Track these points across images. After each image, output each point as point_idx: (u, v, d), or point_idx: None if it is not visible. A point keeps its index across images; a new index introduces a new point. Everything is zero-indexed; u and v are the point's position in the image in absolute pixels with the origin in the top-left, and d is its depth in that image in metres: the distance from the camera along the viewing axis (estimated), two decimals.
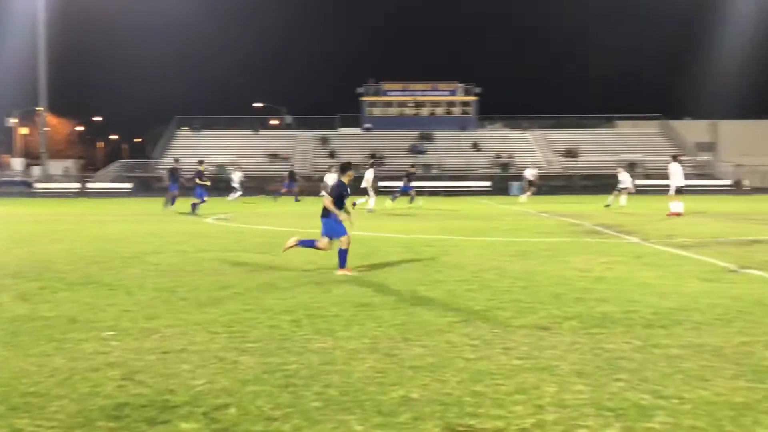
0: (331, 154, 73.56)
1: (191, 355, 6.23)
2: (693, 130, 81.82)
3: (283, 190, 45.53)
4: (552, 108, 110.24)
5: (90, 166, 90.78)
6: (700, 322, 7.48)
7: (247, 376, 5.61)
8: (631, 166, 70.00)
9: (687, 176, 27.92)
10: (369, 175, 32.04)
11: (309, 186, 50.70)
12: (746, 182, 63.56)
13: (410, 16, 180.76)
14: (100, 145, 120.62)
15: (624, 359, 6.04)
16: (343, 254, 11.22)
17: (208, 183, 30.59)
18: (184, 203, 31.34)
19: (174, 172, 32.69)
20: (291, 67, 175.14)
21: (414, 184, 35.89)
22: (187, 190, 32.88)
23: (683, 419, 4.61)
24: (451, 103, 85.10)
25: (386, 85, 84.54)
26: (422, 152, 74.97)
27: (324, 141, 78.12)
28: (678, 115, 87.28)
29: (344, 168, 11.91)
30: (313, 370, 5.74)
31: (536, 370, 5.72)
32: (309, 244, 11.60)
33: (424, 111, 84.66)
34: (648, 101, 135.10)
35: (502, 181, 65.57)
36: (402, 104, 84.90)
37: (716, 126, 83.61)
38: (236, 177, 44.03)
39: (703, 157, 73.25)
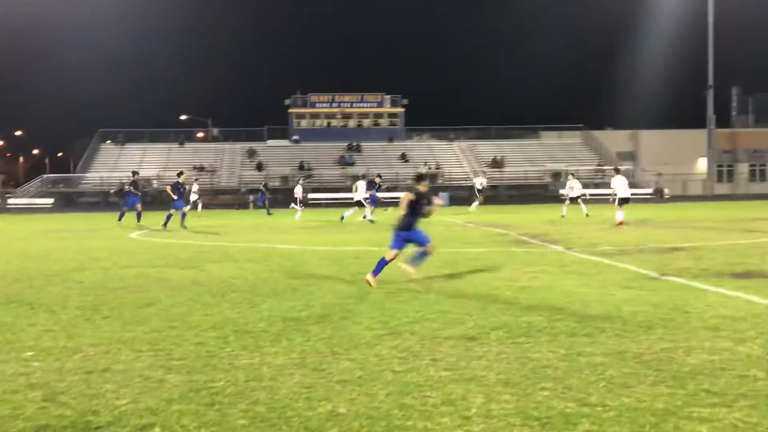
0: (259, 167, 73.14)
1: (115, 375, 6.11)
2: (614, 139, 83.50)
3: (260, 203, 45.13)
4: (478, 119, 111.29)
5: (11, 182, 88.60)
6: (623, 329, 7.63)
7: (172, 394, 5.52)
8: (555, 176, 71.38)
9: (610, 185, 28.52)
10: (361, 186, 31.80)
11: (236, 198, 50.22)
12: (667, 191, 65.26)
13: (336, 27, 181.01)
14: (22, 159, 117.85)
15: (549, 368, 6.13)
16: (423, 255, 11.38)
17: (175, 197, 29.17)
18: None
19: (136, 185, 31.37)
20: (217, 79, 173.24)
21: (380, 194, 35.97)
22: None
23: (607, 427, 4.69)
24: (378, 115, 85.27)
25: (314, 97, 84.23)
26: (351, 164, 75.00)
27: (251, 153, 77.52)
28: (600, 125, 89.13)
29: (420, 178, 12.09)
30: (239, 387, 5.68)
31: (463, 381, 5.76)
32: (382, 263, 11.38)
33: (352, 123, 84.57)
34: (571, 112, 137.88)
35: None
36: (330, 116, 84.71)
37: (637, 136, 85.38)
38: (193, 189, 44.05)
39: (624, 166, 74.82)
